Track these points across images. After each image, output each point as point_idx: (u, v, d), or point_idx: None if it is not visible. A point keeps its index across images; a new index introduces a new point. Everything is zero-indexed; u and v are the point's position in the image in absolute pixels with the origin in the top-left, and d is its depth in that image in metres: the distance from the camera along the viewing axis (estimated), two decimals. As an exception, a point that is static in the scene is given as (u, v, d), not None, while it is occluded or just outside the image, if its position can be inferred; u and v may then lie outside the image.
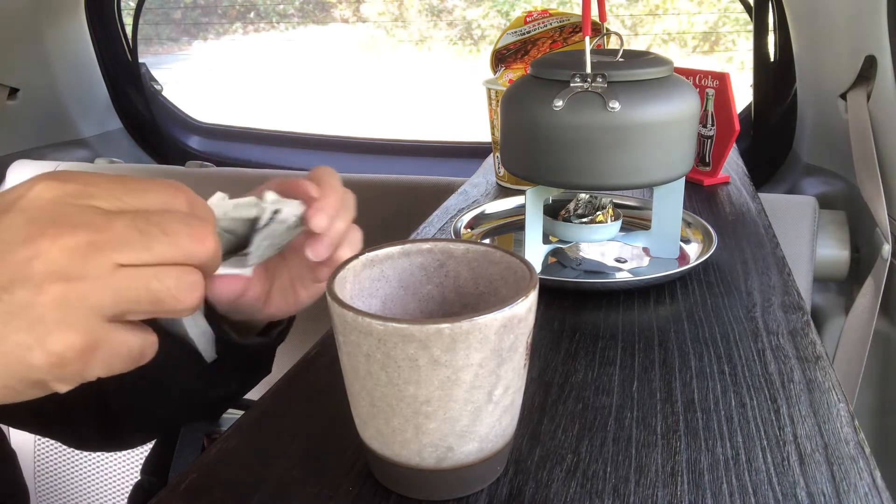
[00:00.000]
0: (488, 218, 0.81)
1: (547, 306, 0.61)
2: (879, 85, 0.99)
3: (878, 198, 0.99)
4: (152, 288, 0.31)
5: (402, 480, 0.39)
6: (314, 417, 0.47)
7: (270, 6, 3.60)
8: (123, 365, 0.32)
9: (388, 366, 0.34)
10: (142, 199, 0.32)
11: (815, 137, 1.32)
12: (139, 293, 0.30)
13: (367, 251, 0.42)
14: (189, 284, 0.32)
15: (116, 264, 0.30)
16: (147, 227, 0.31)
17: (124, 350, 0.32)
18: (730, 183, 0.96)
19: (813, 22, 1.20)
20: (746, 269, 0.68)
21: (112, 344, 0.31)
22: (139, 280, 0.30)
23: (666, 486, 0.40)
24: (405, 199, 1.45)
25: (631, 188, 0.64)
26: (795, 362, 0.52)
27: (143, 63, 1.84)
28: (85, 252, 0.29)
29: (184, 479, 0.41)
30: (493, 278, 0.42)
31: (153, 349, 0.33)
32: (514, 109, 0.63)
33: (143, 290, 0.31)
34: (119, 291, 0.30)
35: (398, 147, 1.78)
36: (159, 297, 0.31)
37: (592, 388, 0.49)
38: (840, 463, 0.41)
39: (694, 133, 0.63)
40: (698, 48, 2.91)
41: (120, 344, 0.31)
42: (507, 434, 0.39)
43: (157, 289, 0.31)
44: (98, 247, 0.30)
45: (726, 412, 0.46)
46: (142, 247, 0.30)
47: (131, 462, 1.49)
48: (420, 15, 3.49)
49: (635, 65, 0.60)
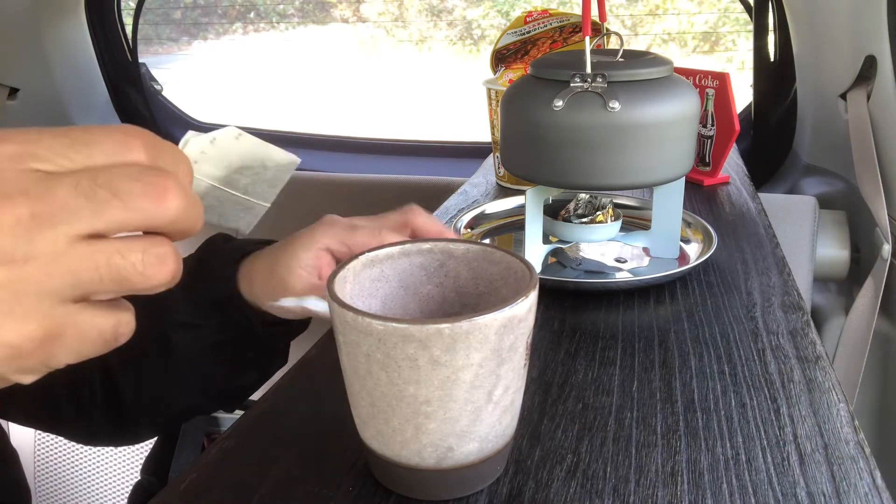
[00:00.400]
0: (488, 218, 0.81)
1: (547, 306, 0.61)
2: (879, 85, 0.99)
3: (878, 198, 0.99)
4: (114, 264, 0.26)
5: (402, 480, 0.39)
6: (314, 417, 0.47)
7: (270, 6, 3.60)
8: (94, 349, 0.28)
9: (388, 366, 0.34)
10: (89, 153, 0.27)
11: (815, 137, 1.32)
12: (100, 272, 0.26)
13: (368, 251, 0.42)
14: (157, 257, 0.27)
15: (69, 238, 0.26)
16: (93, 190, 0.26)
17: (94, 333, 0.28)
18: (730, 183, 0.96)
19: (813, 22, 1.20)
20: (746, 269, 0.68)
21: (78, 328, 0.27)
22: (98, 257, 0.26)
23: (666, 486, 0.40)
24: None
25: (631, 188, 0.64)
26: (795, 362, 0.52)
27: (143, 63, 1.84)
28: (28, 227, 0.25)
29: (184, 479, 0.41)
30: (493, 278, 0.42)
31: (129, 328, 0.29)
32: (514, 109, 0.63)
33: (104, 267, 0.26)
34: (76, 272, 0.26)
35: (398, 147, 1.78)
36: (124, 274, 0.27)
37: (592, 388, 0.49)
38: (840, 463, 0.41)
39: (694, 133, 0.63)
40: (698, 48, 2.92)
41: (88, 327, 0.27)
42: (507, 434, 0.39)
43: (121, 265, 0.27)
44: (42, 220, 0.25)
45: (726, 412, 0.46)
46: (91, 214, 0.26)
47: (131, 462, 1.49)
48: (420, 15, 3.49)
49: (635, 65, 0.60)
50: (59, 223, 0.25)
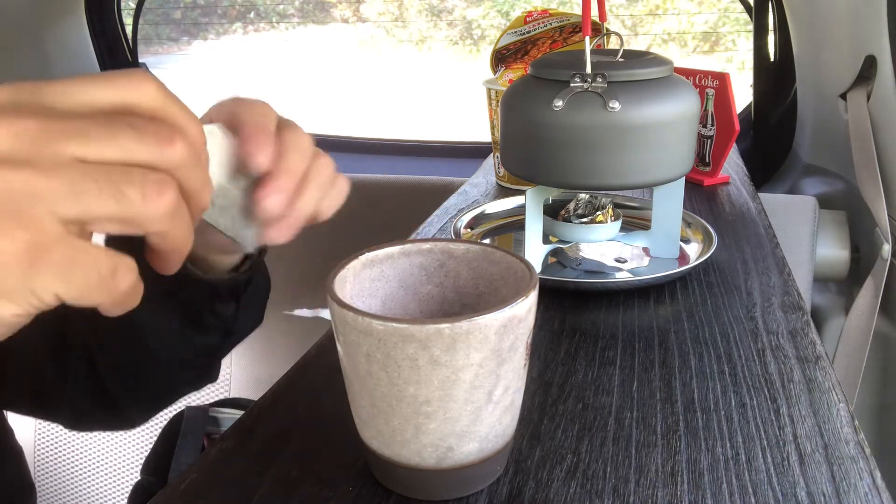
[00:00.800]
0: (488, 218, 0.81)
1: (547, 306, 0.61)
2: (879, 85, 0.99)
3: (878, 198, 0.99)
4: (114, 180, 0.26)
5: (402, 480, 0.39)
6: (314, 417, 0.47)
7: (270, 6, 3.60)
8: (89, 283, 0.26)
9: (388, 366, 0.34)
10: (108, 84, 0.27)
11: (815, 137, 1.32)
12: (99, 184, 0.25)
13: (367, 251, 0.42)
14: (156, 184, 0.26)
15: (74, 156, 0.25)
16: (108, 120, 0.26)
17: (87, 261, 0.26)
18: (730, 183, 0.96)
19: (813, 22, 1.20)
20: (746, 269, 0.68)
21: (69, 251, 0.25)
22: (98, 170, 0.25)
23: (666, 486, 0.40)
24: (405, 199, 1.45)
25: (631, 188, 0.64)
26: (795, 362, 0.52)
27: (144, 63, 1.84)
28: (35, 137, 0.25)
29: (184, 479, 0.41)
30: (493, 278, 0.42)
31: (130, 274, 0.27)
32: (514, 109, 0.63)
33: (104, 181, 0.25)
34: (76, 185, 0.25)
35: (398, 147, 1.78)
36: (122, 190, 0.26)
37: (592, 388, 0.49)
38: (840, 463, 0.41)
39: (694, 133, 0.63)
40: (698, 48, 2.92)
41: (81, 252, 0.26)
42: (507, 434, 0.39)
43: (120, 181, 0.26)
44: (52, 134, 0.25)
45: (726, 412, 0.46)
46: (105, 137, 0.26)
47: (131, 462, 1.49)
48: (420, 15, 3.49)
49: (635, 65, 0.60)
50: (68, 140, 0.25)
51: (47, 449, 1.51)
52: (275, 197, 0.36)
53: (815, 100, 1.28)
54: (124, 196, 0.26)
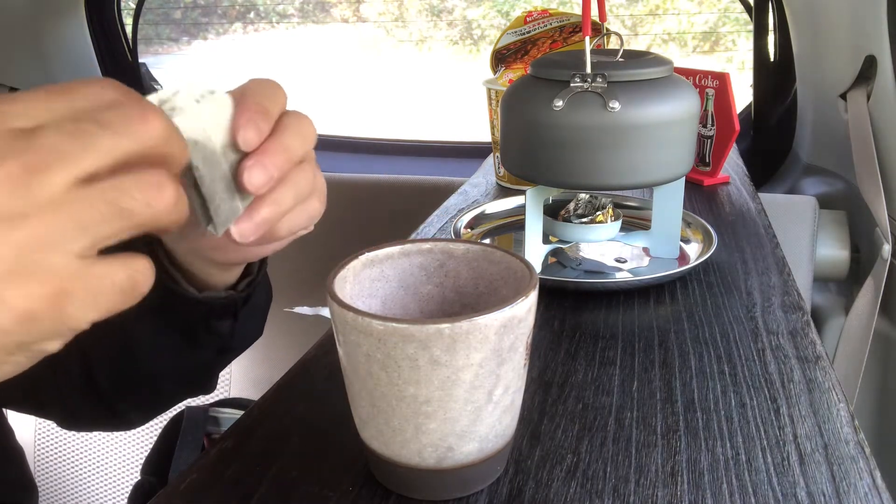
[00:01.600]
0: (488, 218, 0.81)
1: (547, 306, 0.61)
2: (879, 85, 0.99)
3: (878, 198, 0.99)
4: (112, 199, 0.26)
5: (402, 480, 0.39)
6: (314, 417, 0.47)
7: (270, 6, 3.60)
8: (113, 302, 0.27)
9: (388, 366, 0.34)
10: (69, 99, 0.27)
11: (815, 137, 1.32)
12: (101, 210, 0.26)
13: (367, 251, 0.42)
14: (152, 184, 0.27)
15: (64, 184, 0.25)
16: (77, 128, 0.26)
17: (107, 285, 0.27)
18: (730, 183, 0.96)
19: (813, 22, 1.20)
20: (746, 269, 0.68)
21: (90, 282, 0.26)
22: (94, 195, 0.26)
23: (666, 486, 0.40)
24: (405, 199, 1.45)
25: (631, 188, 0.64)
26: (795, 362, 0.52)
27: (143, 63, 1.84)
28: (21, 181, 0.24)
29: (184, 479, 0.41)
30: (493, 278, 0.42)
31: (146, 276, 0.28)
32: (514, 109, 0.63)
33: (104, 204, 0.26)
34: (77, 217, 0.25)
35: (398, 147, 1.78)
36: (124, 206, 0.26)
37: (592, 388, 0.49)
38: (840, 463, 0.41)
39: (694, 133, 0.63)
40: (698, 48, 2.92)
41: (99, 279, 0.26)
42: (507, 434, 0.39)
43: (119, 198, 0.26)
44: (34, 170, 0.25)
45: (726, 412, 0.46)
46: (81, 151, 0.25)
47: (131, 462, 1.49)
48: (420, 15, 3.49)
49: (635, 65, 0.60)
50: (51, 170, 0.25)
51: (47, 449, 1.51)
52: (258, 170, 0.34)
53: (815, 100, 1.28)
54: (129, 212, 0.26)
